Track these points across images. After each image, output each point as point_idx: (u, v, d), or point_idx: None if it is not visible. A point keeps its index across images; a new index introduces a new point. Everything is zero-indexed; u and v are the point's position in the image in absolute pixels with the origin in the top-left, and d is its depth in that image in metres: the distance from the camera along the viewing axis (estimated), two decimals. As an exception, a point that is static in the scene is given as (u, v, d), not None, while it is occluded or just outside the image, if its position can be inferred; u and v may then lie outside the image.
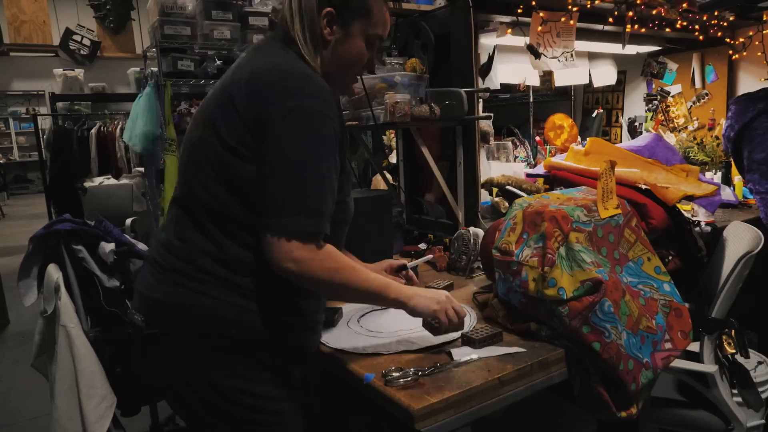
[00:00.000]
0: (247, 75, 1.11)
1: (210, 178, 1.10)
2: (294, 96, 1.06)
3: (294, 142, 1.04)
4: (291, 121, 1.04)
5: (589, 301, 1.21)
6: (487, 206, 2.30)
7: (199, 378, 1.12)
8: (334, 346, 1.30)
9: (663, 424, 1.74)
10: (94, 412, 1.59)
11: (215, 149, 1.09)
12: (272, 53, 1.15)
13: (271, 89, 1.07)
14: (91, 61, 7.11)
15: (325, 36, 1.16)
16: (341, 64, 1.20)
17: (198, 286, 1.10)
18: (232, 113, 1.08)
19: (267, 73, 1.09)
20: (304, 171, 1.04)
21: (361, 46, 1.20)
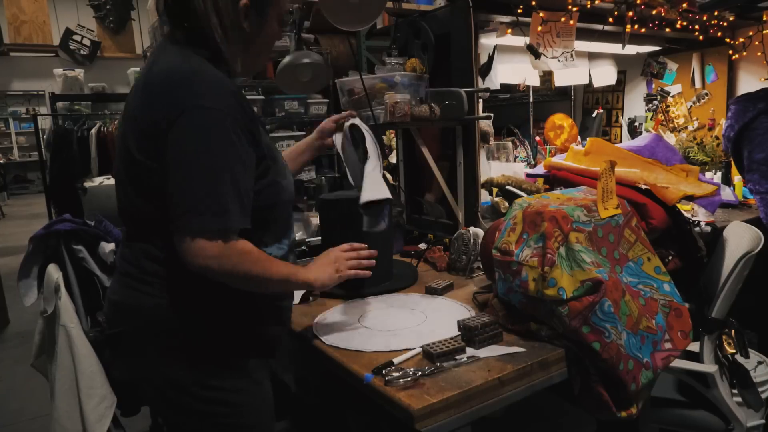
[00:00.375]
0: (142, 83, 1.13)
1: (130, 188, 1.13)
2: (181, 98, 1.05)
3: (188, 144, 1.04)
4: (182, 123, 1.04)
5: (589, 301, 1.21)
6: (487, 206, 2.30)
7: (160, 375, 1.14)
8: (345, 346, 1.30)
9: (663, 424, 1.74)
10: (94, 412, 1.59)
11: (127, 160, 1.12)
12: (164, 55, 1.15)
13: (161, 95, 1.08)
14: (91, 61, 7.11)
15: (244, 28, 1.16)
16: (260, 49, 1.23)
17: (147, 288, 1.13)
18: (134, 123, 1.11)
19: (157, 80, 1.10)
20: (201, 171, 1.04)
21: (276, 27, 1.22)
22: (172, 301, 1.12)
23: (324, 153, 1.71)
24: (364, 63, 4.37)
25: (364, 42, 4.49)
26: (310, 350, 1.37)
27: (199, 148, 1.04)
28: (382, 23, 3.28)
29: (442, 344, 1.22)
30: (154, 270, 1.13)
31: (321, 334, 1.38)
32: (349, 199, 1.67)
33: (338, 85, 2.08)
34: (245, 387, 1.18)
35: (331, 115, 1.69)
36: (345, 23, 1.76)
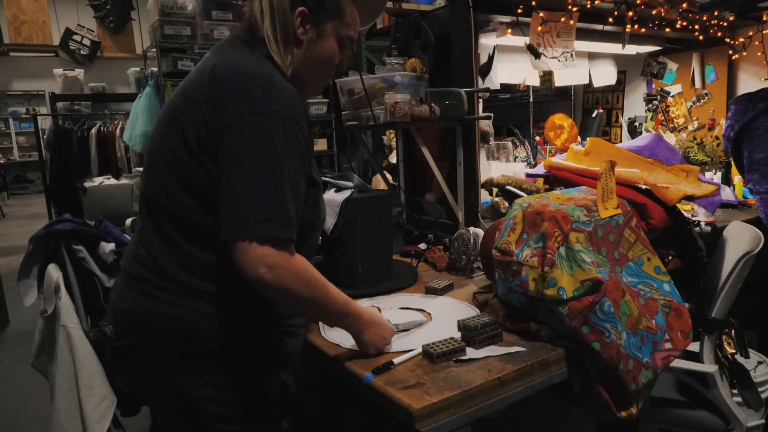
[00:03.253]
0: (208, 77, 1.07)
1: (172, 185, 1.08)
2: (256, 99, 1.02)
3: (259, 147, 1.00)
4: (254, 125, 1.01)
5: (589, 301, 1.21)
6: (487, 206, 2.30)
7: (170, 387, 1.11)
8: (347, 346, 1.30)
9: (663, 424, 1.74)
10: (94, 412, 1.59)
11: (178, 155, 1.07)
12: (235, 53, 1.11)
13: (233, 92, 1.03)
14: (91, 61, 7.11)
15: (298, 35, 1.14)
16: (313, 64, 1.18)
17: (165, 295, 1.08)
18: (197, 117, 1.05)
19: (228, 75, 1.06)
20: (270, 176, 1.00)
21: (334, 46, 1.19)
22: (191, 310, 1.07)
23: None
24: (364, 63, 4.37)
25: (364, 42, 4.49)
26: (310, 350, 1.37)
27: (270, 154, 1.00)
28: (382, 23, 3.28)
29: (442, 344, 1.22)
30: (177, 276, 1.07)
31: (326, 333, 1.38)
32: (351, 200, 1.67)
33: (338, 85, 2.08)
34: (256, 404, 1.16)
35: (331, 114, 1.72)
36: (345, 23, 1.75)
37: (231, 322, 1.09)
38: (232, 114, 1.02)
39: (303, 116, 1.08)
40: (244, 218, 0.98)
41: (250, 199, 0.99)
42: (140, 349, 1.11)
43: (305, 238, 1.15)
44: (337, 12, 1.17)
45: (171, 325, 1.08)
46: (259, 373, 1.17)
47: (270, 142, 1.01)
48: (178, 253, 1.08)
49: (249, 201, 0.99)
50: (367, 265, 1.69)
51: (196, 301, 1.08)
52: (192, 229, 1.08)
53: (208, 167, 1.04)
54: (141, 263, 1.12)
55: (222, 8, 3.52)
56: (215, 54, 1.15)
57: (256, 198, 0.99)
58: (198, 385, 1.09)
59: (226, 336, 1.09)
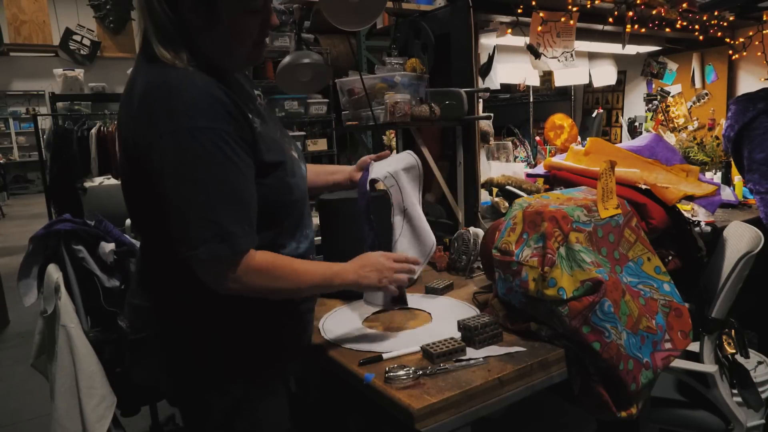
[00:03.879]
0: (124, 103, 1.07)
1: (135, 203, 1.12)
2: (161, 121, 0.98)
3: (177, 170, 0.98)
4: (167, 148, 0.98)
5: (589, 301, 1.21)
6: (487, 206, 2.30)
7: (181, 379, 1.14)
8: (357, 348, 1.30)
9: (663, 424, 1.74)
10: (94, 412, 1.60)
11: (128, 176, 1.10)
12: (142, 71, 1.06)
13: (141, 117, 1.01)
14: (91, 61, 7.10)
15: (192, 23, 1.05)
16: (227, 43, 1.08)
17: (173, 293, 1.12)
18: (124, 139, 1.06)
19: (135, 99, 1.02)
20: (198, 196, 0.98)
21: (239, 19, 1.07)
22: (199, 305, 1.10)
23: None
24: (364, 63, 4.37)
25: (364, 42, 4.50)
26: (311, 350, 1.37)
27: (189, 171, 0.98)
28: (382, 23, 3.28)
29: (442, 344, 1.22)
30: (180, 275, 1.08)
31: (326, 334, 1.38)
32: (349, 200, 1.67)
33: (338, 85, 2.08)
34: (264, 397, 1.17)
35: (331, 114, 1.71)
36: (345, 23, 1.76)
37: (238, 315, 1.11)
38: (146, 140, 1.00)
39: (220, 114, 1.01)
40: (187, 245, 0.99)
41: (184, 226, 0.99)
42: (153, 342, 1.14)
43: (287, 216, 1.16)
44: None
45: (181, 320, 1.11)
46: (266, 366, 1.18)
47: (185, 162, 0.98)
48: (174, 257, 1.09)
49: (184, 227, 0.99)
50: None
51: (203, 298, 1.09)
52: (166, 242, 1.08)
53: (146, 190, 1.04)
54: (147, 263, 1.17)
55: (222, 8, 3.52)
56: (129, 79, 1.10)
57: (188, 224, 0.99)
58: (208, 378, 1.12)
59: (233, 330, 1.12)
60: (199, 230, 0.98)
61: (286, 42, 3.70)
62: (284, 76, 2.11)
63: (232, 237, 1.00)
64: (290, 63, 2.07)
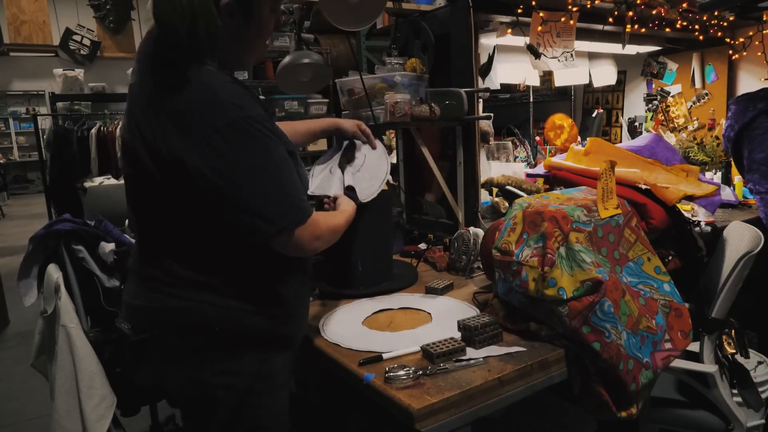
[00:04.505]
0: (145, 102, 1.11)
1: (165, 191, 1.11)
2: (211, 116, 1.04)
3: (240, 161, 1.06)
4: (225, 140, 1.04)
5: (589, 301, 1.21)
6: (487, 206, 2.30)
7: (186, 377, 1.14)
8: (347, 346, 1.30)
9: (663, 424, 1.74)
10: (94, 412, 1.60)
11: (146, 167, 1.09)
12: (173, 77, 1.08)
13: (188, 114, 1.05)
14: (91, 61, 7.10)
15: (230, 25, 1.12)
16: (252, 42, 1.20)
17: (174, 290, 1.12)
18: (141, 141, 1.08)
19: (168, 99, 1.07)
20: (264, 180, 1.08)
21: (268, 22, 1.19)
22: (201, 303, 1.11)
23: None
24: (364, 63, 4.37)
25: (364, 42, 4.49)
26: (311, 350, 1.37)
27: (255, 159, 1.07)
28: (382, 23, 3.28)
29: (442, 344, 1.22)
30: (183, 273, 1.11)
31: (326, 334, 1.38)
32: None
33: (338, 85, 2.08)
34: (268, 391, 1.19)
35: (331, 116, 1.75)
36: (345, 23, 1.76)
37: (240, 310, 1.13)
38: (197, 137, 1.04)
39: (253, 103, 1.11)
40: (273, 224, 1.08)
41: (267, 208, 1.08)
42: (156, 342, 1.15)
43: None
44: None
45: (184, 317, 1.12)
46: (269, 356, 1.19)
47: (247, 150, 1.06)
48: (180, 251, 1.13)
49: (267, 209, 1.08)
50: (367, 265, 1.69)
51: (205, 294, 1.11)
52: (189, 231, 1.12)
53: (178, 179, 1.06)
54: (147, 261, 1.17)
55: (222, 8, 3.52)
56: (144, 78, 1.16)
57: (271, 203, 1.09)
58: (212, 374, 1.13)
59: (236, 323, 1.13)
60: (278, 206, 1.09)
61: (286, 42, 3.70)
62: (284, 76, 2.11)
63: (303, 203, 1.14)
64: (290, 63, 2.07)
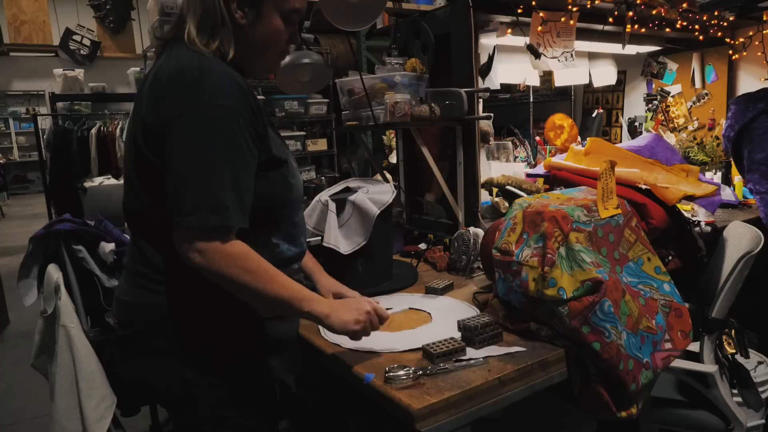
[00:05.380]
0: (149, 82, 1.11)
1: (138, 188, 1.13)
2: (187, 95, 1.04)
3: (190, 140, 1.03)
4: (186, 119, 1.03)
5: (589, 301, 1.21)
6: (487, 206, 2.30)
7: (170, 374, 1.14)
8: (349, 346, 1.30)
9: (663, 424, 1.74)
10: (94, 412, 1.59)
11: (134, 159, 1.12)
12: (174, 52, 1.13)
13: (168, 90, 1.06)
14: (91, 61, 7.10)
15: (237, 20, 1.13)
16: (259, 45, 1.18)
17: (160, 287, 1.13)
18: (140, 122, 1.09)
19: (165, 74, 1.08)
20: (203, 168, 1.02)
21: (278, 23, 1.17)
22: (185, 299, 1.12)
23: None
24: (364, 63, 4.37)
25: (364, 42, 4.49)
26: (310, 350, 1.37)
27: (201, 143, 1.02)
28: (382, 23, 3.28)
29: (442, 344, 1.22)
30: (166, 269, 1.12)
31: (326, 333, 1.38)
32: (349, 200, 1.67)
33: (338, 85, 2.08)
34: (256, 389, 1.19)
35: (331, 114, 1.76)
36: (345, 23, 1.76)
37: (226, 309, 1.13)
38: (168, 113, 1.04)
39: (241, 101, 1.07)
40: (178, 209, 1.02)
41: (182, 191, 1.02)
42: (141, 338, 1.15)
43: (284, 216, 1.20)
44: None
45: (168, 315, 1.12)
46: (253, 358, 1.19)
47: (203, 133, 1.03)
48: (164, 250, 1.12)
49: (182, 193, 1.02)
50: (367, 265, 1.69)
51: (190, 292, 1.12)
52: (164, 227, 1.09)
53: (158, 168, 1.07)
54: (136, 260, 1.17)
55: (222, 8, 3.52)
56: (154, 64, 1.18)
57: (188, 189, 1.02)
58: (196, 372, 1.13)
59: (220, 323, 1.13)
60: (195, 198, 1.01)
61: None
62: (284, 76, 2.11)
63: (225, 212, 1.02)
64: (290, 63, 2.07)
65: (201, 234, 1.02)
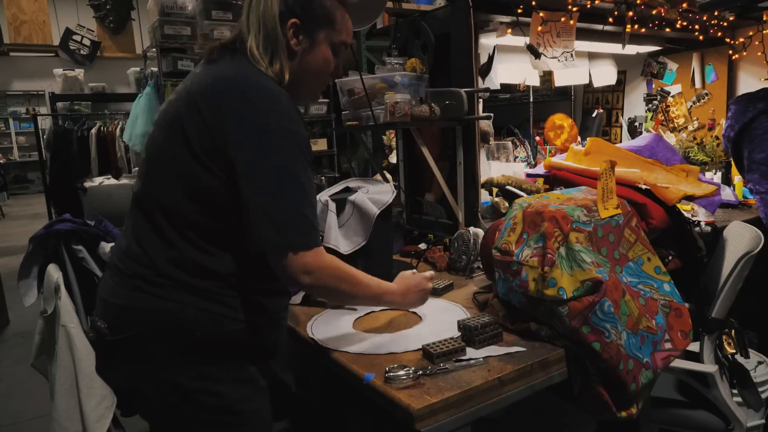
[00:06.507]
0: (212, 89, 1.11)
1: (174, 186, 1.11)
2: (263, 116, 1.07)
3: (279, 166, 1.07)
4: (268, 143, 1.07)
5: (589, 301, 1.21)
6: (487, 206, 2.30)
7: (164, 381, 1.12)
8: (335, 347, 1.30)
9: (663, 424, 1.74)
10: (94, 412, 1.60)
11: (182, 158, 1.10)
12: (236, 66, 1.15)
13: (239, 105, 1.08)
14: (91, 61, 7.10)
15: (292, 47, 1.18)
16: (309, 73, 1.23)
17: (160, 291, 1.10)
18: (201, 125, 1.09)
19: (233, 87, 1.10)
20: (293, 192, 1.08)
21: (327, 53, 1.23)
22: (185, 305, 1.09)
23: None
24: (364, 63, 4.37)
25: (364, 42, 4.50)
26: (310, 350, 1.37)
27: (287, 170, 1.08)
28: (382, 23, 3.28)
29: (442, 344, 1.22)
30: (171, 273, 1.10)
31: (317, 334, 1.38)
32: (349, 200, 1.67)
33: (338, 85, 2.08)
34: (249, 395, 1.18)
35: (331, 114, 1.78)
36: (345, 23, 1.75)
37: (224, 316, 1.12)
38: (243, 131, 1.07)
39: (302, 125, 1.14)
40: (279, 233, 1.07)
41: (281, 216, 1.08)
42: (134, 342, 1.12)
43: None
44: (328, 20, 1.21)
45: (166, 319, 1.10)
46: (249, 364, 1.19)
47: (286, 159, 1.08)
48: (174, 251, 1.11)
49: (281, 217, 1.08)
50: (367, 265, 1.69)
51: (190, 296, 1.10)
52: (189, 229, 1.11)
53: (217, 174, 1.09)
54: (134, 259, 1.14)
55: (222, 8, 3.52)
56: (216, 66, 1.17)
57: (287, 213, 1.08)
58: (191, 378, 1.11)
59: (218, 329, 1.12)
60: (295, 221, 1.08)
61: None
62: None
63: (315, 229, 1.12)
64: None
65: (305, 255, 1.09)
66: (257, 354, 1.20)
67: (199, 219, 1.10)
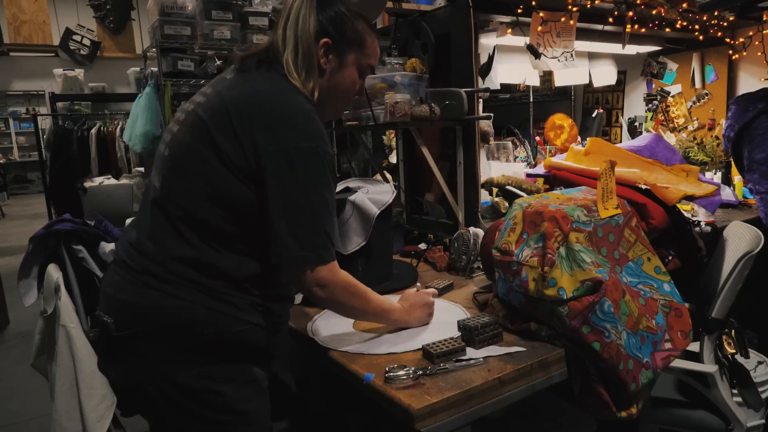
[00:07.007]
0: (246, 99, 1.13)
1: (198, 189, 1.12)
2: (300, 133, 1.11)
3: (309, 183, 1.11)
4: (301, 160, 1.10)
5: (589, 301, 1.21)
6: (487, 206, 2.30)
7: (167, 379, 1.12)
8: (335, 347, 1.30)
9: (663, 424, 1.74)
10: (94, 412, 1.59)
11: (211, 163, 1.11)
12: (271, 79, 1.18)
13: (273, 122, 1.11)
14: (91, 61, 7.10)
15: (321, 65, 1.21)
16: (336, 92, 1.26)
17: (169, 288, 1.11)
18: (231, 134, 1.10)
19: (267, 102, 1.13)
20: (318, 208, 1.12)
21: (354, 74, 1.27)
22: (194, 303, 1.10)
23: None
24: (364, 63, 4.36)
25: (364, 42, 4.49)
26: (310, 350, 1.37)
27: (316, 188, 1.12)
28: (382, 23, 3.28)
29: (442, 344, 1.22)
30: (183, 271, 1.11)
31: (317, 334, 1.38)
32: (349, 201, 1.67)
33: (338, 85, 2.07)
34: (251, 396, 1.19)
35: None
36: (345, 23, 1.75)
37: (231, 317, 1.13)
38: (274, 147, 1.09)
39: (329, 143, 1.19)
40: (300, 247, 1.11)
41: (303, 231, 1.11)
42: (140, 339, 1.12)
43: None
44: (359, 43, 1.25)
45: (173, 316, 1.10)
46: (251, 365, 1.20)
47: (316, 177, 1.12)
48: (191, 251, 1.11)
49: (304, 232, 1.11)
50: (367, 265, 1.69)
51: (200, 296, 1.11)
52: (208, 232, 1.12)
53: (240, 182, 1.11)
54: (145, 255, 1.14)
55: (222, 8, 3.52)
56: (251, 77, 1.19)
57: (310, 229, 1.12)
58: (194, 376, 1.12)
59: (225, 329, 1.13)
60: (316, 237, 1.12)
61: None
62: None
63: (333, 245, 1.16)
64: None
65: (321, 270, 1.13)
66: (259, 355, 1.21)
67: (220, 222, 1.11)
